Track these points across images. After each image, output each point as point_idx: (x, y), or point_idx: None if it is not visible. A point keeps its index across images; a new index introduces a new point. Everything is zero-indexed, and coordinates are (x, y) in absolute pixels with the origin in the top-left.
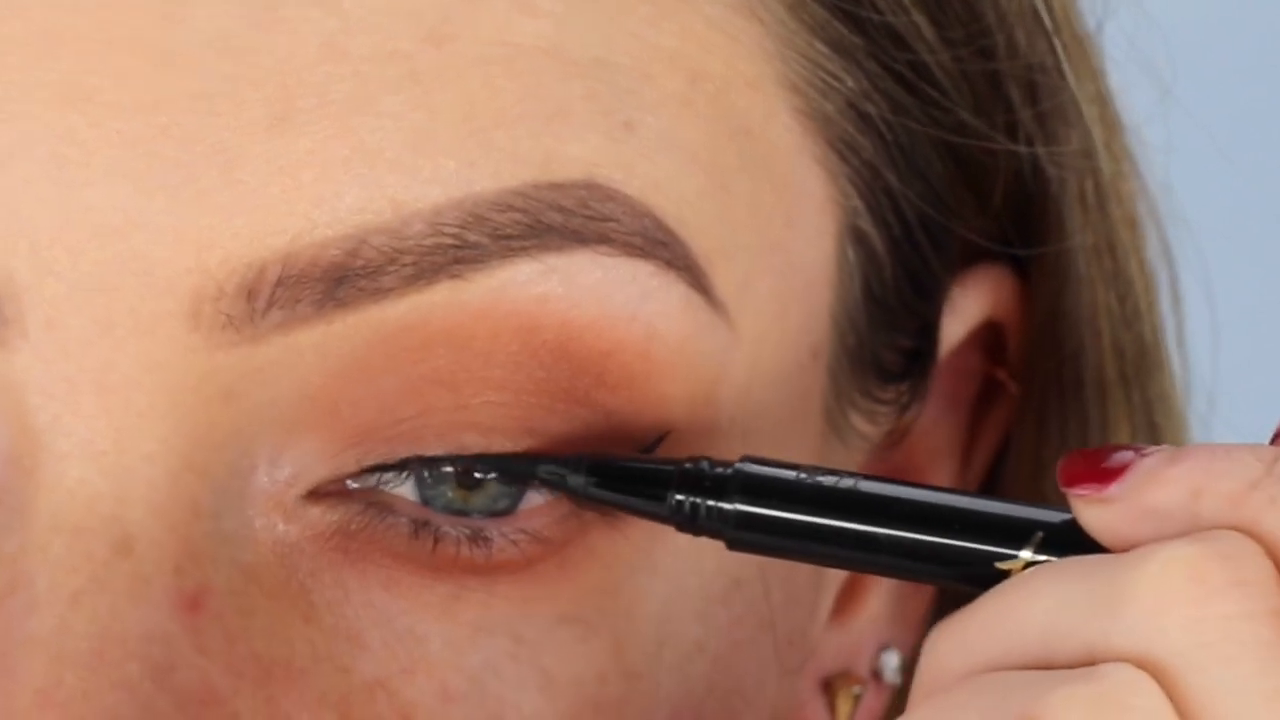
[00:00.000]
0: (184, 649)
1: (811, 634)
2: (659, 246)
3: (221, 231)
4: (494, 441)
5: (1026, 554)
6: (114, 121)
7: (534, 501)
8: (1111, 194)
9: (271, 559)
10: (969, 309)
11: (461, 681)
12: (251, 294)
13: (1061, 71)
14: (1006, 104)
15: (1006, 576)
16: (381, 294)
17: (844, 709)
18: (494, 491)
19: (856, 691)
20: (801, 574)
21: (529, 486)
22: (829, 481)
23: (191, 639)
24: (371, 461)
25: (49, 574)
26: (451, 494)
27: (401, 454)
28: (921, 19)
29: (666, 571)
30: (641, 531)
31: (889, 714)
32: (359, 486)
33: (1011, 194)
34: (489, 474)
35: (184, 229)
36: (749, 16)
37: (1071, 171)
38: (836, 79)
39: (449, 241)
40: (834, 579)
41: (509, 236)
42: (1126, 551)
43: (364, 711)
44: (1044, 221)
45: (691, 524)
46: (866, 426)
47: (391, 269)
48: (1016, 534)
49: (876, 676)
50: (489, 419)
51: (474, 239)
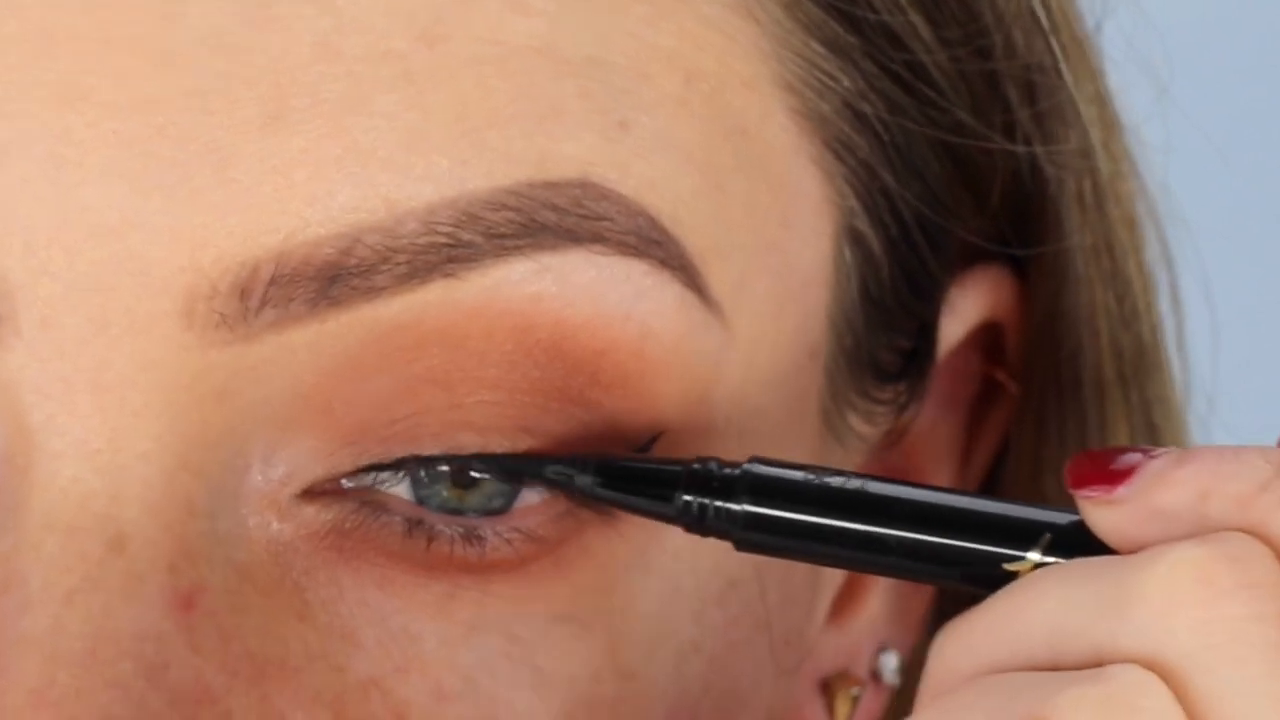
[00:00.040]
0: (178, 647)
1: (808, 634)
2: (653, 246)
3: (215, 230)
4: (489, 441)
5: (1034, 555)
6: (110, 121)
7: (529, 500)
8: (1110, 194)
9: (266, 557)
10: (967, 309)
11: (456, 680)
12: (245, 292)
13: (1059, 71)
14: (1004, 104)
15: (1014, 578)
16: (375, 293)
17: (842, 710)
18: (489, 490)
19: (855, 692)
20: (798, 574)
21: (536, 486)
22: (837, 482)
23: (185, 637)
24: (367, 461)
25: (43, 573)
26: (446, 493)
27: (397, 453)
28: (918, 19)
29: (662, 571)
30: (638, 531)
31: (887, 715)
32: (354, 485)
33: (1009, 194)
34: (493, 474)
35: (178, 228)
36: (745, 16)
37: (1069, 171)
38: (833, 79)
39: (443, 240)
40: (831, 580)
41: (503, 235)
42: (1134, 553)
43: (358, 710)
44: (1042, 221)
45: (699, 525)
46: (864, 427)
47: (385, 268)
48: (1024, 535)
49: (875, 677)
50: (484, 418)
51: (468, 238)
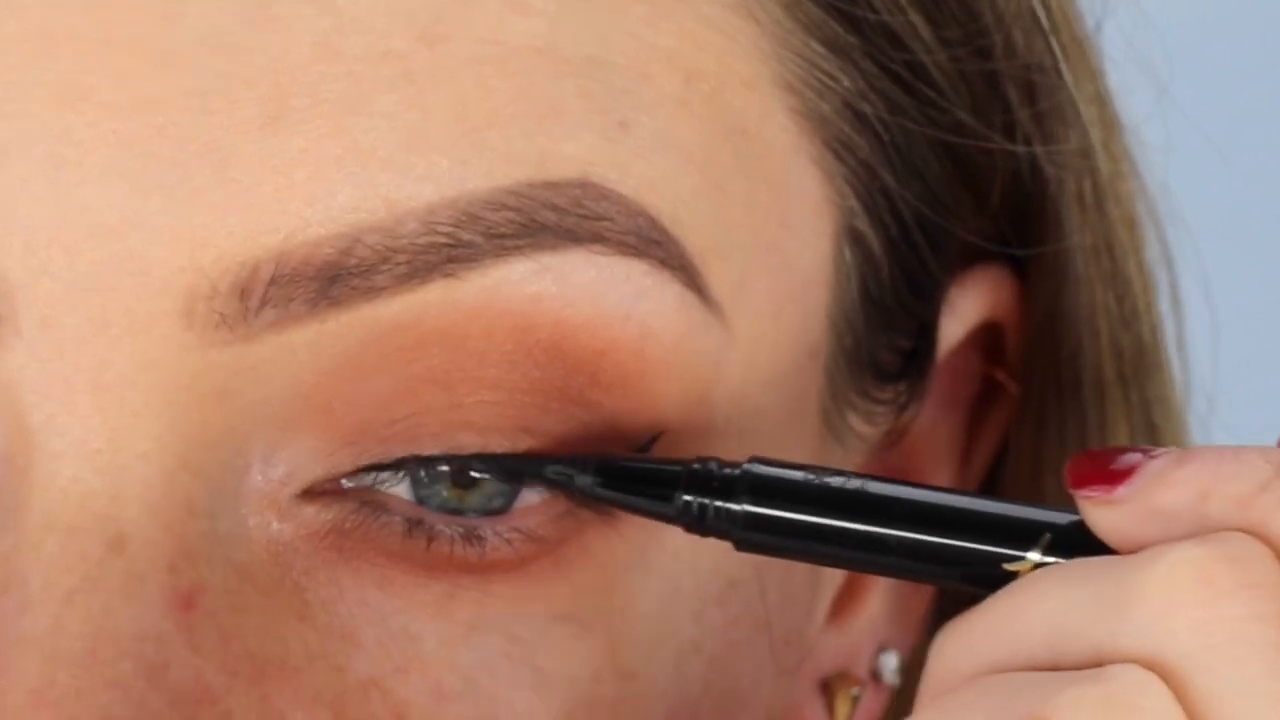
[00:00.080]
0: (178, 647)
1: (808, 635)
2: (653, 245)
3: (215, 230)
4: (489, 441)
5: (1034, 555)
6: (110, 121)
7: (529, 500)
8: (1109, 194)
9: (266, 557)
10: (967, 310)
11: (455, 680)
12: (245, 292)
13: (1059, 71)
14: (1004, 104)
15: (1014, 578)
16: (375, 293)
17: (842, 710)
18: (489, 490)
19: (855, 692)
20: (798, 574)
21: (536, 486)
22: (837, 482)
23: (185, 637)
24: (367, 461)
25: (43, 573)
26: (446, 493)
27: (397, 454)
28: (918, 19)
29: (662, 571)
30: (638, 531)
31: (887, 715)
32: (354, 485)
33: (1009, 194)
34: (493, 474)
35: (178, 228)
36: (745, 16)
37: (1069, 171)
38: (833, 79)
39: (442, 240)
40: (831, 580)
41: (503, 235)
42: (1134, 553)
43: (358, 710)
44: (1042, 221)
45: (699, 525)
46: (864, 427)
47: (385, 268)
48: (1024, 535)
49: (875, 677)
50: (484, 418)
51: (467, 238)
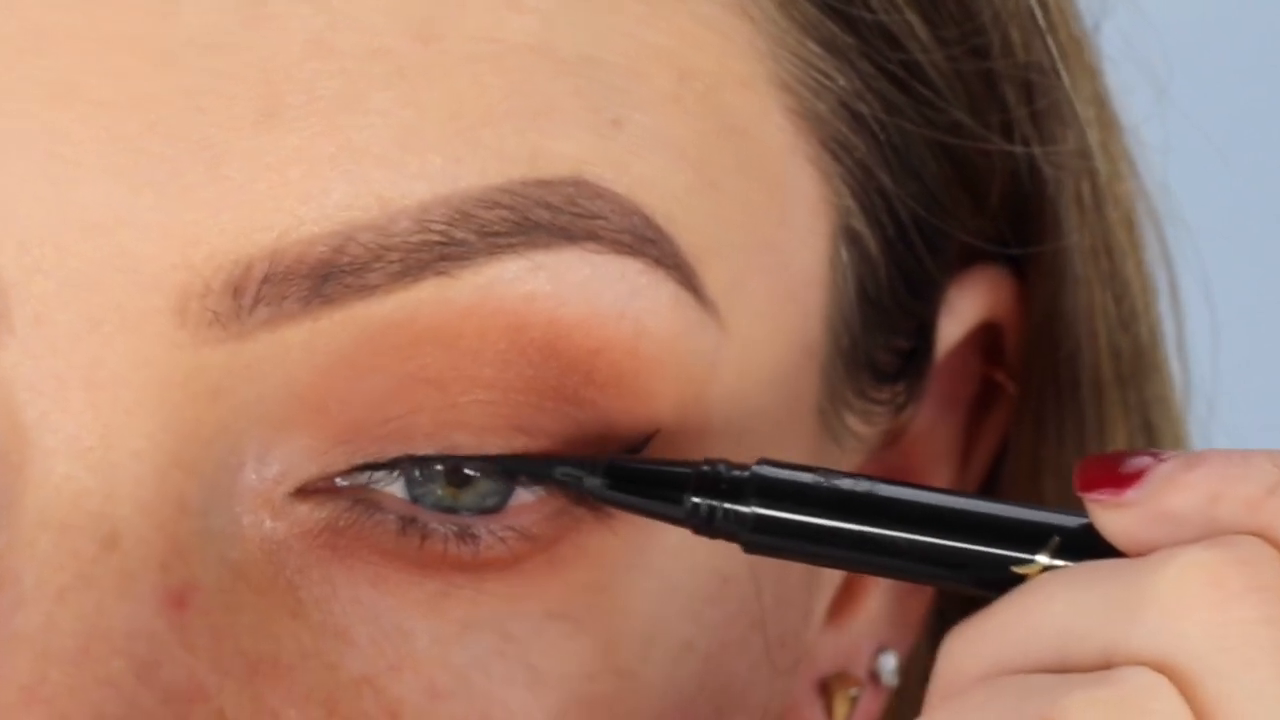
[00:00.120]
0: (170, 645)
1: (805, 635)
2: (648, 244)
3: (208, 228)
4: (484, 440)
5: (1043, 558)
6: (103, 118)
7: (523, 499)
8: (1108, 195)
9: (259, 556)
10: (966, 310)
11: (449, 678)
12: (238, 290)
13: (1057, 71)
14: (1001, 103)
15: (1022, 580)
16: (368, 291)
17: (841, 710)
18: (483, 489)
19: (853, 693)
20: (793, 575)
21: (536, 486)
22: (846, 485)
23: (178, 635)
24: (360, 460)
25: (36, 570)
26: (440, 491)
27: (391, 453)
28: (915, 18)
29: (657, 570)
30: (632, 529)
31: (886, 716)
32: (348, 484)
33: (1008, 194)
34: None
35: (171, 225)
36: (740, 15)
37: (1068, 172)
38: (829, 78)
39: (436, 238)
40: (829, 580)
41: (496, 234)
42: (1143, 556)
43: (351, 708)
44: (1041, 222)
45: (708, 527)
46: (862, 427)
47: (378, 266)
48: (1033, 538)
49: (874, 678)
50: (478, 417)
51: (461, 236)
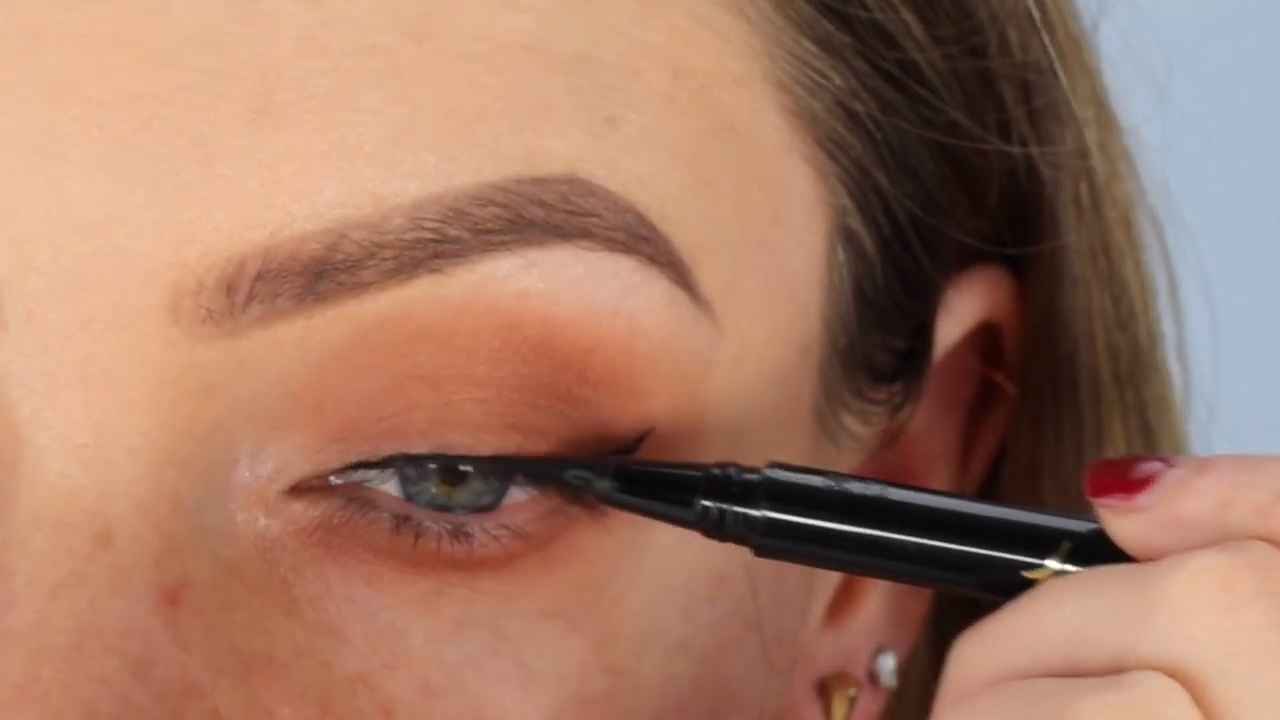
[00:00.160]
0: (163, 643)
1: (802, 635)
2: (641, 242)
3: (201, 225)
4: (478, 438)
5: (1053, 563)
6: (96, 116)
7: (517, 498)
8: (1106, 195)
9: (253, 553)
10: (964, 310)
11: (443, 677)
12: (231, 288)
13: (1054, 70)
14: (999, 103)
15: (1032, 585)
16: (361, 288)
17: (839, 711)
18: (477, 487)
19: (852, 694)
20: (790, 575)
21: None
22: (856, 489)
23: (171, 633)
24: (355, 458)
25: (29, 567)
26: (435, 489)
27: (384, 451)
28: (910, 17)
29: (651, 569)
30: (627, 528)
31: (884, 717)
32: (342, 482)
33: (1006, 194)
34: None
35: (164, 223)
36: (736, 14)
37: (1066, 172)
38: (824, 77)
39: (429, 236)
40: (827, 581)
41: (490, 231)
42: (1154, 561)
43: (345, 706)
44: (1039, 222)
45: (718, 530)
46: (859, 427)
47: (371, 263)
48: (1043, 543)
49: (872, 679)
50: (472, 415)
51: (454, 233)
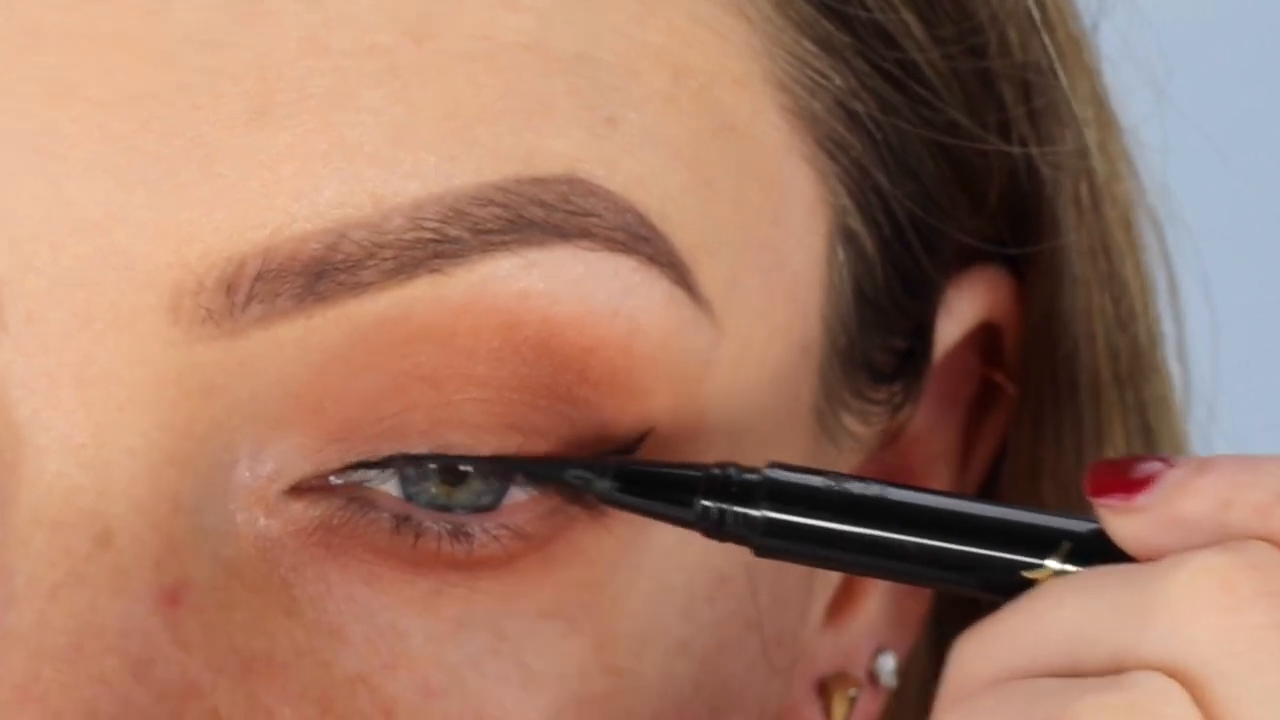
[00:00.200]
0: (163, 643)
1: (802, 635)
2: (641, 242)
3: (201, 225)
4: (478, 438)
5: (1053, 563)
6: (96, 116)
7: (517, 498)
8: (1106, 195)
9: (253, 553)
10: (964, 310)
11: (443, 677)
12: (231, 288)
13: (1054, 70)
14: (998, 103)
15: (1032, 585)
16: (361, 288)
17: (839, 711)
18: (477, 487)
19: (852, 694)
20: (790, 574)
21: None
22: (857, 489)
23: (171, 633)
24: (355, 458)
25: (29, 568)
26: (435, 489)
27: (384, 451)
28: (910, 17)
29: (651, 569)
30: (627, 528)
31: (884, 717)
32: (342, 482)
33: (1006, 194)
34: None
35: (164, 223)
36: (736, 14)
37: (1066, 172)
38: (824, 77)
39: (429, 236)
40: (827, 581)
41: (489, 231)
42: (1154, 561)
43: (345, 706)
44: (1039, 222)
45: (718, 530)
46: (859, 427)
47: (371, 263)
48: (1043, 543)
49: (872, 679)
50: (472, 415)
51: (454, 233)
